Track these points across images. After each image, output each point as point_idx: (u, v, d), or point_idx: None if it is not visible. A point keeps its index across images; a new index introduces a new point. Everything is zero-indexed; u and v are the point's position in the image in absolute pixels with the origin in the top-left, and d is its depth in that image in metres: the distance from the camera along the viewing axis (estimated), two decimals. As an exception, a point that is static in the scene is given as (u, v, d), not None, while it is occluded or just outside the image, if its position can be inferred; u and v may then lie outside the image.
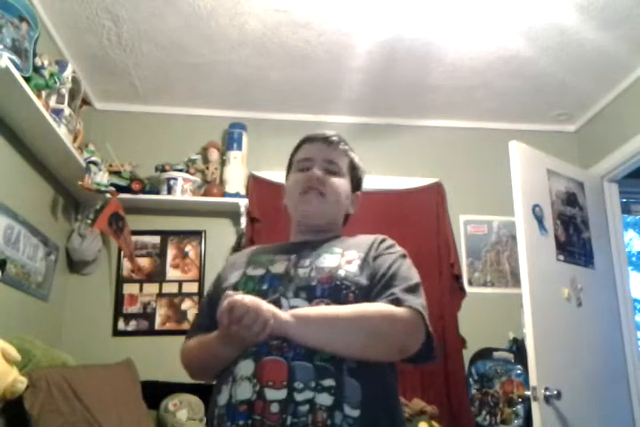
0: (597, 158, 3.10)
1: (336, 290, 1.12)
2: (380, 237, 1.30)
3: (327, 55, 2.71)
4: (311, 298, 1.12)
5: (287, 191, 1.35)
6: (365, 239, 1.29)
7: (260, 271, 1.22)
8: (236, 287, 1.19)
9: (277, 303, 1.10)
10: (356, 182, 1.38)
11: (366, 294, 1.15)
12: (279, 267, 1.21)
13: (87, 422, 1.84)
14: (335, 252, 1.23)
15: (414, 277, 1.20)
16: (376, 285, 1.16)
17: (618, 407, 2.61)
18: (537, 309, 2.33)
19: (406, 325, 1.09)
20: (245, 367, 1.05)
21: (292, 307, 1.10)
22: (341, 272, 1.15)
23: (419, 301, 1.14)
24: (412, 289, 1.16)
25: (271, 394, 1.00)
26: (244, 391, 1.02)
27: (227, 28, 2.52)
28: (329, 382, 1.02)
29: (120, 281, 2.93)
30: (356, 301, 1.12)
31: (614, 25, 2.45)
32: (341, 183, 1.32)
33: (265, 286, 1.17)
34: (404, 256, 1.26)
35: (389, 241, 1.30)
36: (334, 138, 1.35)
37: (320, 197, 1.28)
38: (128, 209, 2.82)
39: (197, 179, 3.01)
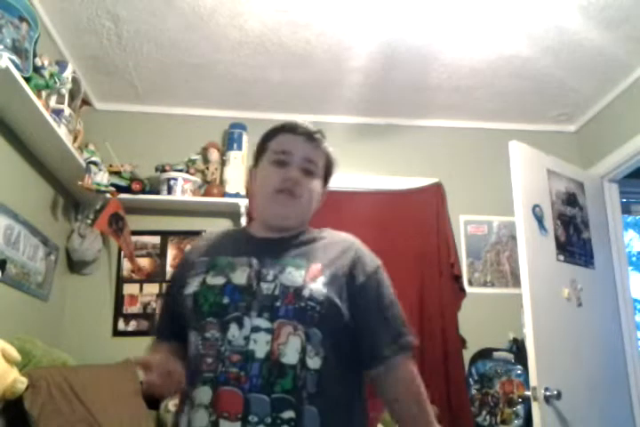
0: (597, 158, 3.10)
1: (301, 311, 1.08)
2: (355, 247, 1.24)
3: (327, 55, 2.71)
4: (274, 318, 1.07)
5: (258, 183, 1.28)
6: (335, 247, 1.22)
7: (220, 280, 1.15)
8: (195, 298, 1.14)
9: (239, 322, 1.07)
10: (327, 177, 1.33)
11: (334, 312, 1.11)
12: (240, 276, 1.14)
13: (87, 422, 1.84)
14: (300, 265, 1.15)
15: (398, 304, 1.22)
16: (368, 318, 1.16)
17: (618, 407, 2.61)
18: (537, 309, 2.33)
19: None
20: (203, 394, 1.04)
21: (253, 327, 1.07)
22: (306, 292, 1.10)
23: (411, 339, 1.19)
24: (405, 330, 1.19)
25: (226, 426, 1.00)
26: (201, 420, 1.02)
27: (227, 28, 2.52)
28: (288, 414, 1.00)
29: (120, 281, 2.93)
30: (322, 321, 1.09)
31: (614, 25, 2.45)
32: (315, 185, 1.26)
33: (226, 300, 1.11)
34: (384, 275, 1.23)
35: (367, 255, 1.24)
36: (317, 135, 1.29)
37: (293, 199, 1.22)
38: (128, 209, 2.82)
39: (197, 179, 3.01)
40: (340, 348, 1.12)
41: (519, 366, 2.75)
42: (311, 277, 1.13)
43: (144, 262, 2.96)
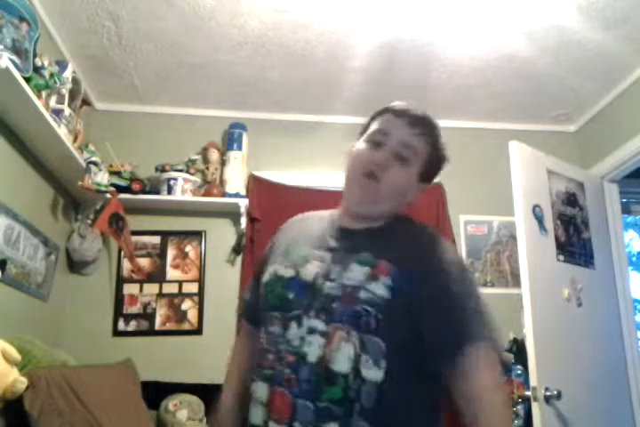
0: (597, 158, 3.10)
1: (355, 316, 0.99)
2: (434, 242, 1.10)
3: (327, 55, 2.71)
4: (329, 321, 1.00)
5: (349, 161, 1.18)
6: (411, 241, 1.10)
7: (289, 272, 1.09)
8: (265, 288, 1.13)
9: (299, 321, 1.02)
10: (428, 172, 1.19)
11: (396, 320, 0.99)
12: (309, 272, 1.07)
13: (87, 422, 1.84)
14: (366, 261, 1.04)
15: (485, 304, 1.06)
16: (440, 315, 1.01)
17: (618, 407, 2.61)
18: (537, 309, 2.33)
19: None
20: (261, 391, 1.02)
21: (310, 328, 1.01)
22: (363, 294, 1.00)
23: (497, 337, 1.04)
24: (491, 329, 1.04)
25: None
26: (257, 417, 1.01)
27: (227, 28, 2.52)
28: (333, 426, 0.94)
29: (120, 281, 2.93)
30: (381, 329, 0.98)
31: (614, 25, 2.45)
32: (404, 175, 1.12)
33: (290, 295, 1.06)
34: (467, 275, 1.10)
35: (447, 252, 1.09)
36: (422, 119, 1.17)
37: (375, 184, 1.10)
38: (128, 209, 2.82)
39: (197, 179, 3.01)
40: (411, 362, 1.00)
41: (519, 366, 2.75)
42: (373, 277, 1.01)
43: (144, 262, 2.96)
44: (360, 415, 0.94)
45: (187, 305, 2.93)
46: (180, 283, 2.96)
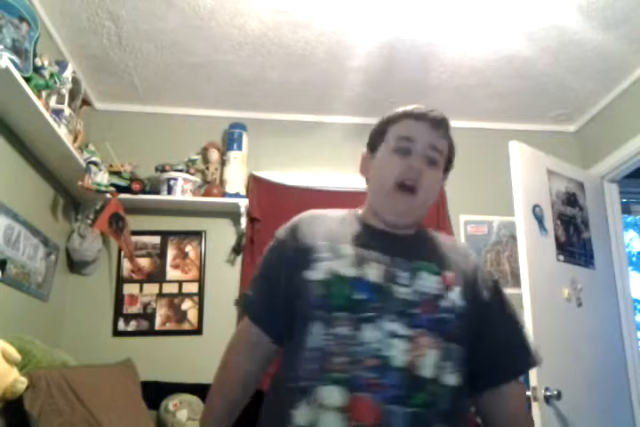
0: (597, 158, 3.10)
1: (440, 322, 1.02)
2: (474, 255, 1.21)
3: (327, 55, 2.71)
4: (412, 326, 1.00)
5: (376, 172, 1.17)
6: (458, 253, 1.18)
7: (351, 272, 1.05)
8: (324, 287, 1.04)
9: (375, 323, 0.99)
10: (447, 167, 1.23)
11: (469, 327, 1.07)
12: (374, 273, 1.05)
13: (87, 422, 1.84)
14: (434, 271, 1.08)
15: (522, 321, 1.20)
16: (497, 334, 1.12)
17: (618, 407, 2.61)
18: (537, 309, 2.33)
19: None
20: (333, 396, 0.95)
21: (390, 331, 0.99)
22: (445, 303, 1.04)
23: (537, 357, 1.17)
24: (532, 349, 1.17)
25: None
26: (333, 424, 0.93)
27: (227, 28, 2.52)
28: None
29: (120, 281, 2.93)
30: (460, 336, 1.05)
31: (614, 25, 2.45)
32: (437, 177, 1.17)
33: (358, 296, 1.02)
34: (503, 289, 1.20)
35: (482, 265, 1.20)
36: (443, 121, 1.19)
37: (413, 195, 1.12)
38: (128, 209, 2.82)
39: (197, 179, 3.01)
40: (466, 365, 1.07)
41: (519, 366, 2.75)
42: (448, 286, 1.06)
43: (144, 262, 2.96)
44: (439, 419, 0.97)
45: (187, 305, 2.93)
46: (180, 283, 2.96)
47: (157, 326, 2.88)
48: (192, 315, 2.90)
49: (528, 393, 2.27)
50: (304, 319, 1.05)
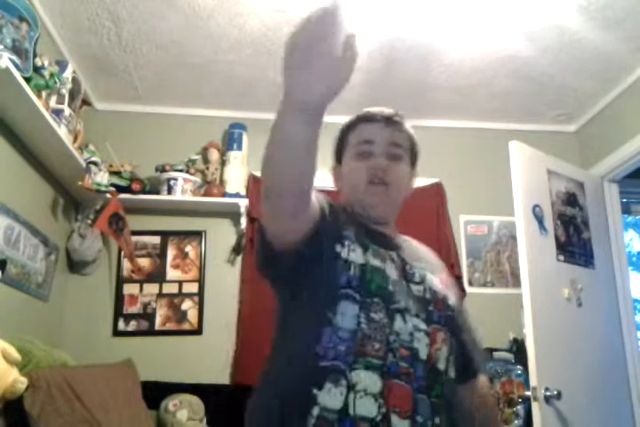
0: (597, 158, 3.10)
1: (449, 320, 1.12)
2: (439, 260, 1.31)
3: (327, 55, 2.71)
4: (429, 322, 1.07)
5: (345, 180, 1.21)
6: (436, 261, 1.29)
7: (378, 263, 1.07)
8: (364, 271, 1.04)
9: (403, 316, 1.03)
10: (414, 159, 1.25)
11: (461, 324, 1.19)
12: (392, 269, 1.08)
13: (87, 422, 1.84)
14: (432, 271, 1.18)
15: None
16: (467, 335, 1.21)
17: (618, 407, 2.61)
18: (537, 309, 2.33)
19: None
20: (370, 381, 0.95)
21: (414, 325, 1.04)
22: (449, 301, 1.14)
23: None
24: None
25: (396, 421, 0.94)
26: (369, 409, 0.93)
27: (227, 28, 2.52)
28: (438, 420, 1.00)
29: (120, 281, 2.93)
30: (460, 332, 1.17)
31: (614, 25, 2.45)
32: (404, 170, 1.20)
33: (390, 287, 1.05)
34: None
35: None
36: (397, 117, 1.22)
37: (385, 188, 1.15)
38: (128, 209, 2.82)
39: (197, 179, 3.01)
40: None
41: (519, 366, 2.75)
42: (446, 286, 1.17)
43: (144, 262, 2.96)
44: (447, 409, 1.03)
45: (187, 305, 2.92)
46: (180, 283, 2.96)
47: (157, 326, 2.88)
48: (192, 315, 2.91)
49: (528, 393, 2.28)
50: (331, 296, 1.01)
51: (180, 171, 2.94)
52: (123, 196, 2.80)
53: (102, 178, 2.74)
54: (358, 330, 0.99)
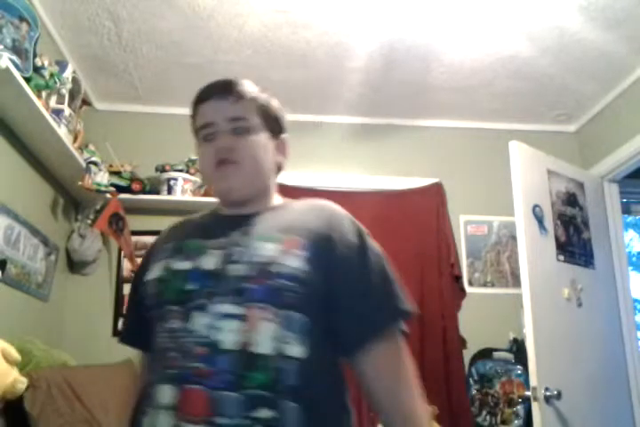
0: (597, 158, 3.10)
1: (273, 291, 0.94)
2: (332, 213, 1.09)
3: (327, 56, 2.71)
4: (243, 302, 0.93)
5: (199, 165, 1.17)
6: (311, 215, 1.08)
7: (186, 265, 1.01)
8: (157, 284, 1.03)
9: (203, 309, 0.94)
10: (274, 124, 1.15)
11: (316, 292, 0.96)
12: (209, 260, 1.00)
13: (87, 422, 1.84)
14: (272, 238, 1.00)
15: (390, 272, 1.07)
16: (348, 291, 1.01)
17: (618, 407, 2.62)
18: (537, 309, 2.33)
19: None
20: (163, 394, 0.90)
21: (219, 313, 0.93)
22: (277, 268, 0.95)
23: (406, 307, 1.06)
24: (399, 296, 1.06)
25: None
26: (163, 424, 0.88)
27: (227, 29, 2.52)
28: (265, 413, 0.86)
29: (120, 281, 2.93)
30: (302, 302, 0.95)
31: (614, 25, 2.45)
32: (257, 141, 1.10)
33: (190, 286, 0.98)
34: (369, 243, 1.08)
35: (346, 221, 1.08)
36: (229, 88, 1.15)
37: (235, 168, 1.07)
38: (128, 209, 2.82)
39: (198, 179, 3.00)
40: (329, 334, 0.99)
41: (519, 366, 2.75)
42: (285, 251, 0.97)
43: (144, 262, 2.96)
44: (289, 395, 0.89)
45: (187, 305, 2.92)
46: (180, 283, 2.95)
47: (157, 326, 2.87)
48: (192, 315, 2.90)
49: (528, 393, 2.28)
50: (151, 321, 1.04)
51: (180, 171, 2.94)
52: (123, 196, 2.80)
53: (102, 178, 2.74)
54: (162, 344, 0.98)
